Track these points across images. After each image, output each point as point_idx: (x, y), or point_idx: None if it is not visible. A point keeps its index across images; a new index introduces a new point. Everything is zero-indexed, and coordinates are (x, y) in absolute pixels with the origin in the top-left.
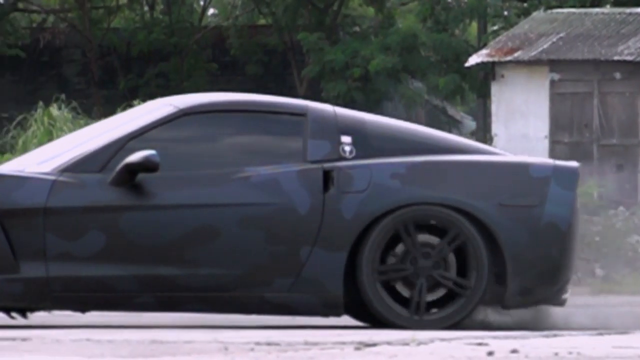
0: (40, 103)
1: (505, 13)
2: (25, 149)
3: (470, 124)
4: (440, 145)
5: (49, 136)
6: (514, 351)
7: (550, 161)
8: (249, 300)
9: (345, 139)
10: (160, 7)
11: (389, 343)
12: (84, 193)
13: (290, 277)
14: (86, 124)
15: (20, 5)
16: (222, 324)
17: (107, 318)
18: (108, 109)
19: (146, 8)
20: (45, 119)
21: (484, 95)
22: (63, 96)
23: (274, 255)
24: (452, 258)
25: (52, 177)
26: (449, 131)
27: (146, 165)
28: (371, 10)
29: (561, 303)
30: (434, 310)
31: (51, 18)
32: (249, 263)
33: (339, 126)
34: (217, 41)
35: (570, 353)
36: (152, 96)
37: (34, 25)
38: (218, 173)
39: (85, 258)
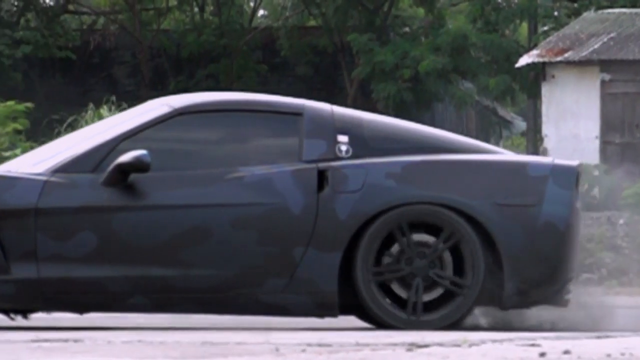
0: (91, 105)
1: (556, 13)
2: None
3: (521, 124)
4: (439, 145)
5: None
6: (566, 352)
7: (550, 160)
8: (243, 300)
9: (342, 138)
10: (210, 8)
11: (440, 344)
12: (75, 193)
13: (284, 278)
14: None
15: (71, 7)
16: (273, 325)
17: (158, 320)
18: None
19: (196, 9)
20: (96, 120)
21: (535, 96)
22: (113, 98)
23: (267, 255)
24: (448, 257)
25: (44, 178)
26: (500, 132)
27: (137, 166)
28: (421, 11)
29: (563, 304)
30: (431, 310)
31: (101, 20)
32: (242, 263)
33: (335, 125)
34: (267, 42)
35: (623, 354)
36: None
37: (85, 27)
38: (211, 173)
39: (76, 259)
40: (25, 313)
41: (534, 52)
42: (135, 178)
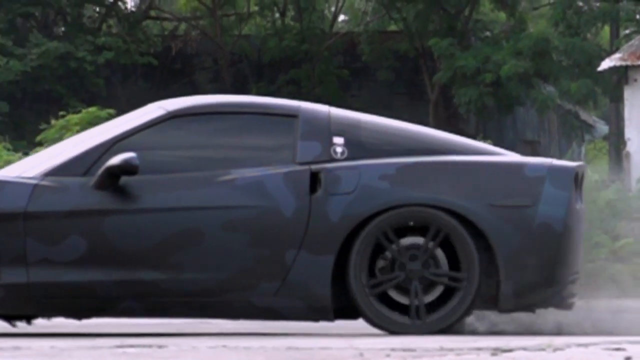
0: None
1: (638, 17)
2: None
3: (603, 128)
4: (438, 147)
5: None
6: None
7: (548, 161)
8: (235, 304)
9: (338, 140)
10: (291, 13)
11: (524, 349)
12: (65, 197)
13: (276, 281)
14: None
15: (153, 13)
16: (357, 331)
17: (243, 325)
18: None
19: (277, 15)
20: None
21: (617, 100)
22: None
23: (259, 258)
24: (441, 254)
25: (34, 182)
26: (582, 136)
27: (125, 168)
28: (502, 15)
29: (567, 307)
30: (433, 311)
31: (183, 25)
32: (234, 267)
33: (331, 127)
34: (348, 47)
35: None
36: None
37: (166, 33)
38: (203, 175)
39: (66, 263)
40: (29, 319)
41: (616, 55)
42: (127, 181)
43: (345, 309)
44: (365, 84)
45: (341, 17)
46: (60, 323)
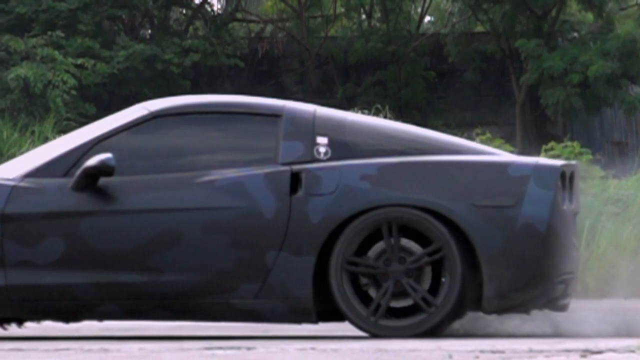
0: None
1: None
2: None
3: None
4: (425, 146)
5: None
6: None
7: (533, 160)
8: (215, 307)
9: (321, 140)
10: (377, 15)
11: (614, 350)
12: (43, 199)
13: (257, 283)
14: None
15: (239, 15)
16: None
17: (328, 327)
18: None
19: (363, 16)
20: None
21: None
22: None
23: (239, 260)
24: (428, 272)
25: (12, 183)
26: None
27: (102, 169)
28: (590, 16)
29: (559, 308)
30: (394, 317)
31: (269, 27)
32: (214, 269)
33: (315, 127)
34: (435, 49)
35: None
36: (369, 104)
37: (252, 35)
38: (183, 176)
39: (44, 265)
40: (20, 322)
41: None
42: (106, 182)
43: (329, 311)
44: (452, 85)
45: (427, 19)
46: (146, 325)
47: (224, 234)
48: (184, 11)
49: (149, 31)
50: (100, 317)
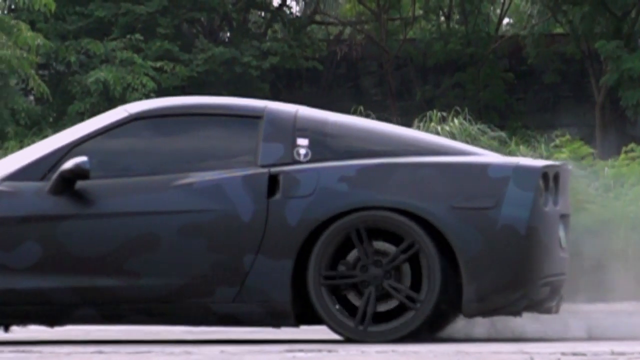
0: None
1: None
2: None
3: None
4: (406, 147)
5: None
6: None
7: (514, 161)
8: (193, 311)
9: (302, 142)
10: (456, 17)
11: None
12: (21, 202)
13: (234, 287)
14: None
15: (318, 17)
16: (527, 336)
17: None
18: (405, 120)
19: (442, 18)
20: None
21: None
22: (361, 108)
23: (217, 264)
24: (406, 269)
25: None
26: None
27: (77, 172)
28: None
29: (546, 311)
30: (381, 322)
31: (348, 30)
32: (191, 272)
33: (296, 128)
34: (514, 50)
35: None
36: (448, 107)
37: (331, 37)
38: (162, 179)
39: (21, 270)
40: (7, 326)
41: None
42: (83, 185)
43: (309, 314)
44: (531, 87)
45: (506, 20)
46: (226, 329)
47: (201, 237)
48: (263, 14)
49: (228, 34)
50: (78, 321)
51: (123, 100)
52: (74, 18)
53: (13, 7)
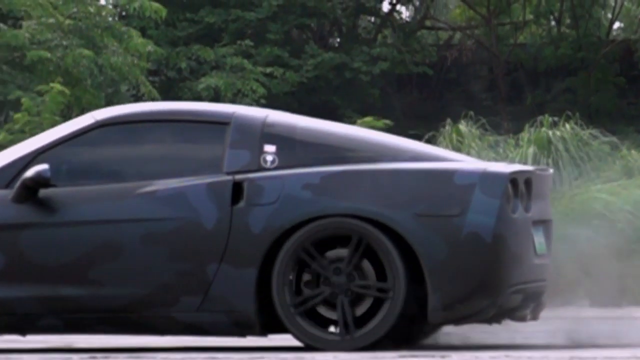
0: (448, 120)
1: None
2: None
3: None
4: (380, 153)
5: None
6: None
7: (481, 167)
8: (157, 320)
9: (269, 148)
10: (566, 21)
11: None
12: None
13: (198, 296)
14: (494, 141)
15: (428, 22)
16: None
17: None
18: (515, 125)
19: (553, 23)
20: (454, 135)
21: None
22: (471, 113)
23: (180, 273)
24: (368, 266)
25: None
26: None
27: (38, 180)
28: None
29: (519, 318)
30: (362, 324)
31: (458, 35)
32: (154, 282)
33: (263, 135)
34: (625, 55)
35: None
36: (559, 111)
37: (441, 42)
38: (126, 187)
39: None
40: None
41: None
42: (47, 193)
43: (276, 323)
44: None
45: (617, 25)
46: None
47: (164, 246)
48: (373, 19)
49: (338, 39)
50: (42, 331)
51: None
52: (184, 24)
53: (124, 14)
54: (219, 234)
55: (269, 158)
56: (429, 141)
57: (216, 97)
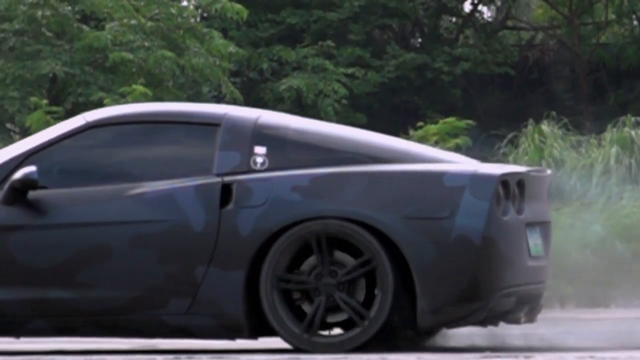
0: (530, 120)
1: None
2: None
3: None
4: (372, 155)
5: (540, 153)
6: None
7: (471, 169)
8: (145, 323)
9: (259, 149)
10: None
11: None
12: None
13: (187, 299)
14: (577, 141)
15: (510, 23)
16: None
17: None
18: (598, 125)
19: (635, 22)
20: (536, 135)
21: None
22: (553, 113)
23: (169, 275)
24: (361, 283)
25: None
26: None
27: (25, 183)
28: None
29: (515, 321)
30: (325, 333)
31: (540, 35)
32: (143, 284)
33: (254, 136)
34: None
35: None
36: None
37: (523, 42)
38: (115, 189)
39: None
40: None
41: None
42: (36, 195)
43: (265, 326)
44: None
45: None
46: None
47: (152, 249)
48: (454, 19)
49: (419, 40)
50: (31, 334)
51: (315, 107)
52: (265, 25)
53: (205, 15)
54: (208, 236)
55: (259, 160)
56: (512, 142)
57: (298, 98)
